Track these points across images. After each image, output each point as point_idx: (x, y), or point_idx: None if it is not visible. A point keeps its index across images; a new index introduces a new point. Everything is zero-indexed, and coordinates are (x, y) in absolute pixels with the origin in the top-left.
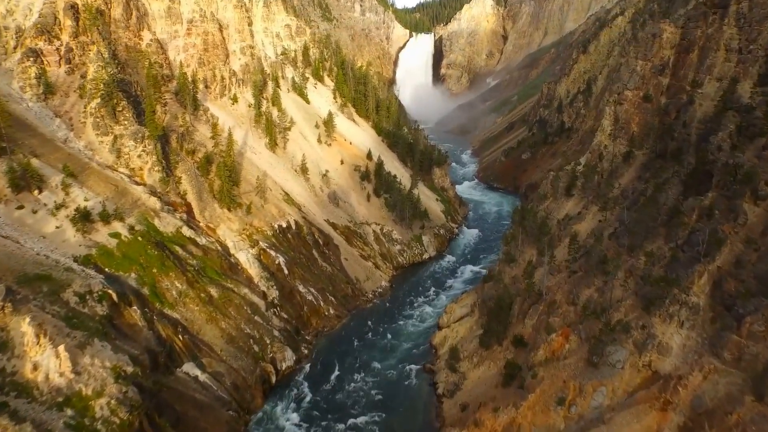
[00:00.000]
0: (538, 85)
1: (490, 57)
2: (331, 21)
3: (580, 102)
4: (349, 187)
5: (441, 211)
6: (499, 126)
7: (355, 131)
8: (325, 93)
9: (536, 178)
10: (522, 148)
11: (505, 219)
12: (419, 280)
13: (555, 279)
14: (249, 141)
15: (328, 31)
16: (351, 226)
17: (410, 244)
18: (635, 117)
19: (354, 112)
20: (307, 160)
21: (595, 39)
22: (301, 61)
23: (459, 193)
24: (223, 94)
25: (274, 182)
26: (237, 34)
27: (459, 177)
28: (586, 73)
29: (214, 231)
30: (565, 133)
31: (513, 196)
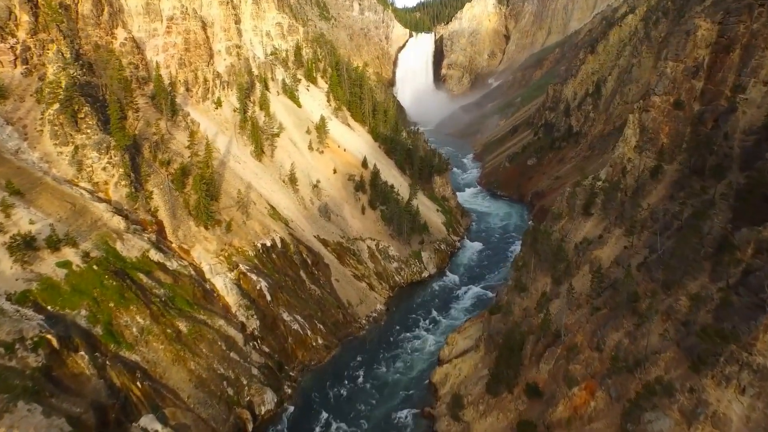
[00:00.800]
0: (543, 86)
1: (492, 57)
2: (329, 20)
3: (588, 105)
4: (342, 199)
5: (442, 223)
6: (502, 129)
7: (350, 137)
8: (319, 95)
9: (543, 185)
10: (527, 153)
11: (510, 231)
12: (418, 303)
13: (574, 316)
14: (233, 149)
15: (322, 29)
16: (343, 242)
17: (408, 261)
18: (665, 126)
19: (349, 115)
20: (296, 170)
21: (603, 38)
22: (292, 61)
23: (461, 202)
24: (206, 97)
25: (259, 195)
26: (222, 33)
27: (460, 183)
28: (594, 74)
29: (188, 253)
30: (573, 137)
31: (518, 204)
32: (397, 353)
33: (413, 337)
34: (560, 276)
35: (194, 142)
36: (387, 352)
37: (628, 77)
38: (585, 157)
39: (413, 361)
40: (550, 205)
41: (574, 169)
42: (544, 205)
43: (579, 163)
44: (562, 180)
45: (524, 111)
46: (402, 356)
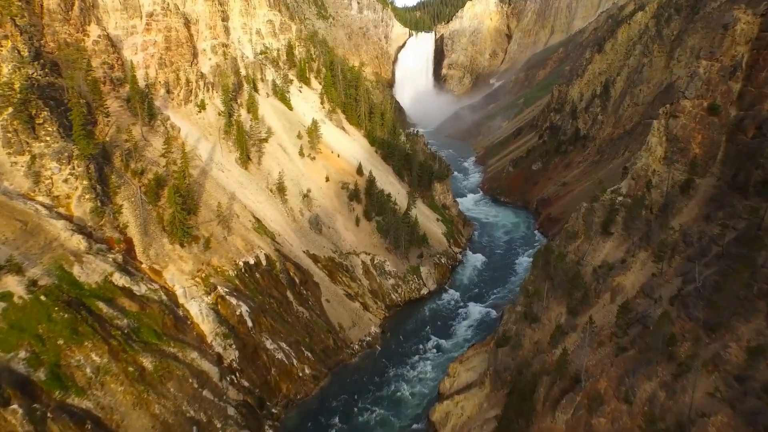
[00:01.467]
0: (547, 86)
1: (493, 57)
2: (327, 19)
3: (596, 107)
4: (335, 209)
5: (442, 234)
6: (505, 131)
7: (345, 141)
8: (311, 97)
9: (549, 192)
10: (532, 157)
11: (515, 241)
12: (416, 324)
13: (596, 355)
14: (216, 156)
15: (320, 28)
16: (336, 257)
17: (406, 277)
18: (697, 134)
19: (344, 118)
20: (285, 178)
21: (611, 37)
22: (284, 61)
23: (462, 209)
24: (188, 100)
25: (243, 207)
26: (208, 31)
27: (462, 188)
28: (601, 74)
29: (160, 274)
30: (581, 141)
31: (523, 211)
32: (393, 384)
33: (411, 365)
34: (577, 305)
35: (170, 150)
36: (381, 382)
37: (638, 78)
38: (593, 162)
39: (410, 394)
40: (558, 213)
41: (582, 175)
42: (550, 213)
43: (587, 168)
44: (570, 186)
45: (528, 112)
46: (398, 388)
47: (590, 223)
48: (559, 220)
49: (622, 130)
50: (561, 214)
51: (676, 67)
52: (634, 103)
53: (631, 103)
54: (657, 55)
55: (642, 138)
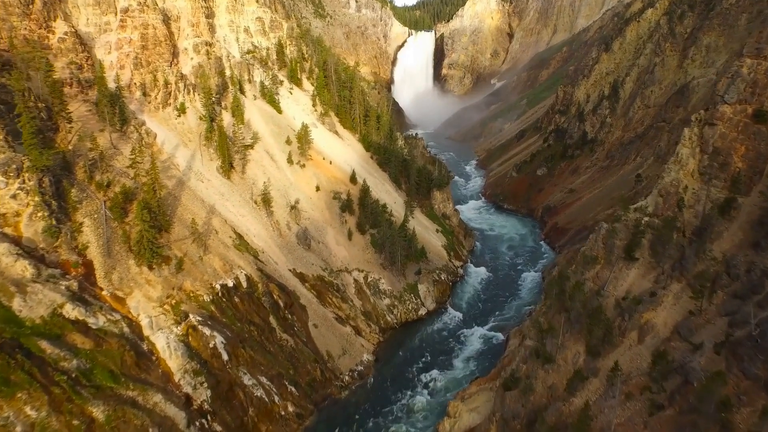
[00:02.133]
0: (550, 87)
1: (494, 56)
2: (325, 18)
3: (605, 109)
4: (326, 222)
5: (442, 247)
6: (507, 133)
7: (338, 147)
8: (303, 99)
9: (555, 199)
10: (536, 162)
11: (520, 253)
12: (413, 350)
13: (624, 412)
14: (195, 164)
15: (313, 26)
16: (325, 275)
17: (402, 296)
18: (739, 145)
19: (337, 122)
20: (271, 188)
21: (619, 35)
22: (274, 61)
23: (463, 217)
24: (167, 103)
25: (223, 221)
26: (190, 29)
27: (463, 194)
28: (609, 74)
29: (124, 302)
30: (588, 145)
31: (527, 220)
32: (387, 423)
33: (407, 400)
34: (598, 345)
35: (137, 161)
36: (374, 421)
37: (649, 78)
38: (602, 168)
39: None
40: (565, 223)
41: (590, 182)
42: (557, 222)
43: (595, 174)
44: (578, 194)
45: (531, 114)
46: (392, 427)
47: (611, 247)
48: (566, 230)
49: (632, 134)
50: (569, 223)
51: (691, 67)
52: (645, 105)
53: (641, 105)
54: (669, 55)
55: (655, 142)
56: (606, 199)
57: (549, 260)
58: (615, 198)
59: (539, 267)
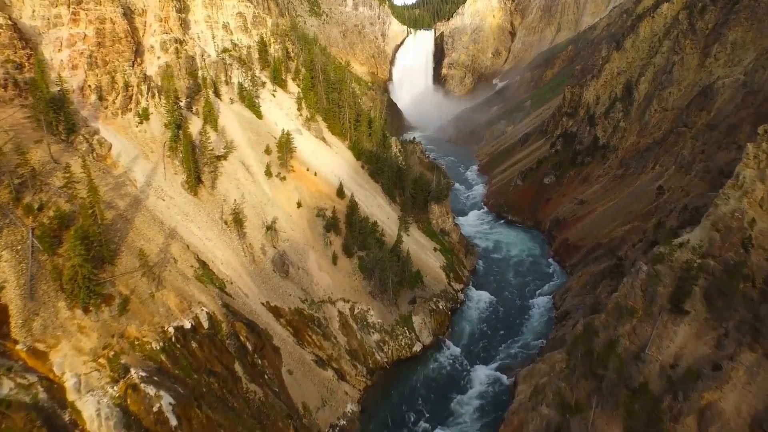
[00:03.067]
0: (556, 87)
1: (496, 56)
2: (320, 16)
3: (618, 112)
4: (308, 244)
5: (440, 268)
6: (510, 136)
7: (324, 156)
8: (287, 103)
9: (564, 211)
10: (543, 169)
11: (527, 272)
12: (406, 397)
13: None
14: (157, 179)
15: (308, 25)
16: (305, 308)
17: (395, 330)
18: None
19: (325, 128)
20: (245, 205)
21: (632, 32)
22: (256, 60)
23: (464, 230)
24: (127, 108)
25: (184, 247)
26: (158, 24)
27: (463, 204)
28: (621, 74)
29: (45, 358)
30: (600, 151)
31: (534, 233)
32: None
33: None
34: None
35: (72, 179)
36: None
37: (667, 78)
38: (616, 177)
39: None
40: (577, 239)
41: (603, 192)
42: (567, 238)
43: (609, 183)
44: (589, 206)
45: (535, 116)
46: None
47: (653, 295)
48: (578, 247)
49: (649, 140)
50: (581, 240)
51: (714, 66)
52: (663, 108)
53: (659, 107)
54: (689, 53)
55: (675, 149)
56: (622, 213)
57: (559, 282)
58: (633, 212)
59: (549, 290)
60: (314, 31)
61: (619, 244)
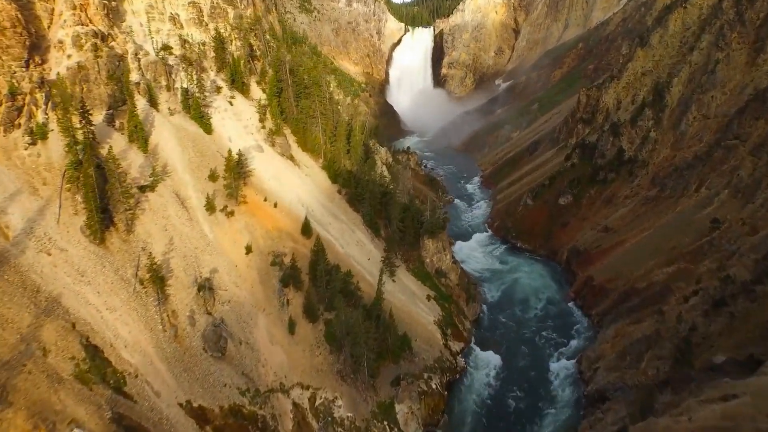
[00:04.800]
0: (566, 89)
1: (499, 54)
2: (311, 12)
3: (647, 119)
4: (257, 305)
5: (435, 323)
6: (516, 144)
7: (290, 179)
8: (247, 112)
9: (585, 239)
10: (558, 186)
11: (542, 321)
12: None
13: None
14: (44, 224)
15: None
16: (245, 403)
17: (370, 427)
18: None
19: (294, 142)
20: (173, 254)
21: (658, 26)
22: (212, 59)
23: (465, 259)
24: (14, 124)
25: (67, 327)
26: (70, 13)
27: (464, 225)
28: (646, 75)
29: None
30: (626, 166)
31: (550, 265)
32: None
33: None
34: None
35: None
36: None
37: (709, 80)
38: (648, 199)
39: None
40: (604, 279)
41: (633, 217)
42: (592, 277)
43: (640, 207)
44: (617, 235)
45: (544, 121)
46: None
47: None
48: (606, 290)
49: (688, 154)
50: (609, 281)
51: None
52: (703, 116)
53: (698, 114)
54: (737, 48)
55: (726, 168)
56: (662, 249)
57: (585, 339)
58: (677, 249)
59: (572, 350)
60: (304, 28)
61: (662, 292)
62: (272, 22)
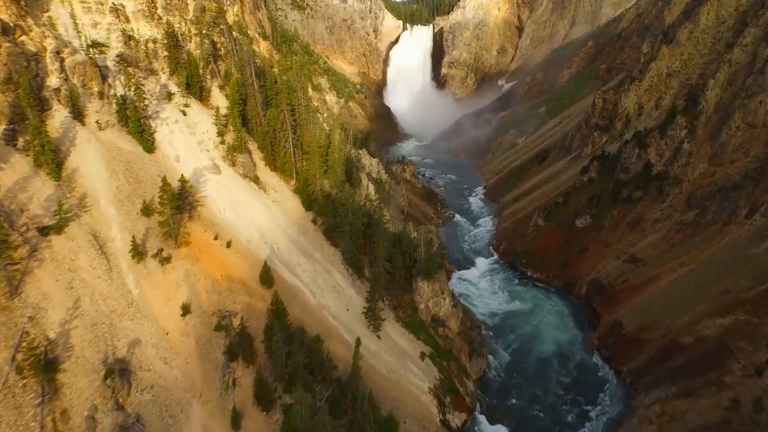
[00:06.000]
0: (575, 91)
1: (502, 53)
2: (304, 9)
3: (679, 128)
4: (190, 390)
5: (429, 391)
6: (522, 150)
7: (251, 208)
8: (204, 125)
9: (608, 270)
10: (574, 205)
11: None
12: None
13: None
14: None
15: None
16: None
17: None
18: None
19: (260, 160)
20: (76, 322)
21: (687, 20)
22: (164, 59)
23: (467, 296)
24: None
25: None
26: None
27: (467, 245)
28: (672, 76)
29: None
30: (654, 182)
31: (568, 300)
32: None
33: None
34: None
35: None
36: None
37: (756, 81)
38: (684, 224)
39: None
40: (636, 327)
41: (666, 247)
42: (620, 323)
43: (674, 234)
44: (648, 268)
45: (553, 126)
46: None
47: None
48: (640, 342)
49: (732, 170)
50: (643, 330)
51: None
52: (749, 125)
53: (742, 123)
54: None
55: None
56: (711, 292)
57: (617, 405)
58: (732, 292)
59: (603, 426)
60: (296, 26)
61: (718, 354)
62: (261, 19)
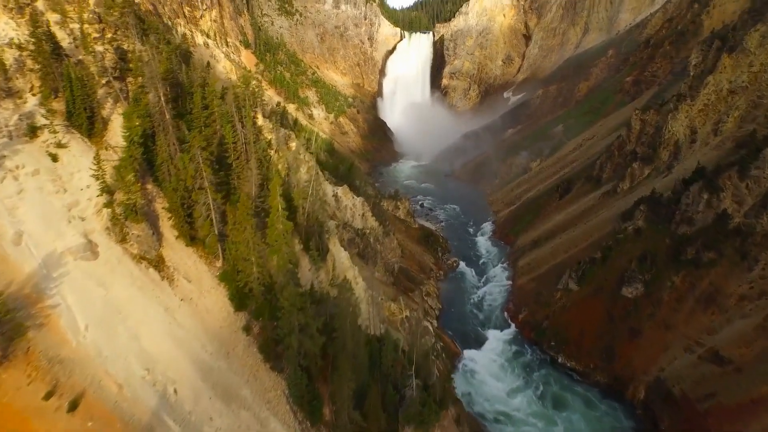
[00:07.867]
0: (598, 108)
1: (508, 63)
2: (293, 15)
3: (765, 165)
4: None
5: None
6: (537, 178)
7: (139, 316)
8: (84, 175)
9: (679, 368)
10: (617, 262)
11: None
12: None
13: None
14: None
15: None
16: None
17: None
18: None
19: (170, 228)
20: None
21: (758, 22)
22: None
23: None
24: None
25: None
26: None
27: (475, 308)
28: (737, 93)
29: None
30: (732, 239)
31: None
32: None
33: None
34: None
35: None
36: None
37: None
38: None
39: None
40: None
41: (765, 341)
42: None
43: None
44: (747, 379)
45: (573, 150)
46: None
47: None
48: None
49: None
50: None
51: None
52: None
53: None
54: None
55: None
56: None
57: None
58: None
59: None
60: (282, 33)
61: None
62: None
